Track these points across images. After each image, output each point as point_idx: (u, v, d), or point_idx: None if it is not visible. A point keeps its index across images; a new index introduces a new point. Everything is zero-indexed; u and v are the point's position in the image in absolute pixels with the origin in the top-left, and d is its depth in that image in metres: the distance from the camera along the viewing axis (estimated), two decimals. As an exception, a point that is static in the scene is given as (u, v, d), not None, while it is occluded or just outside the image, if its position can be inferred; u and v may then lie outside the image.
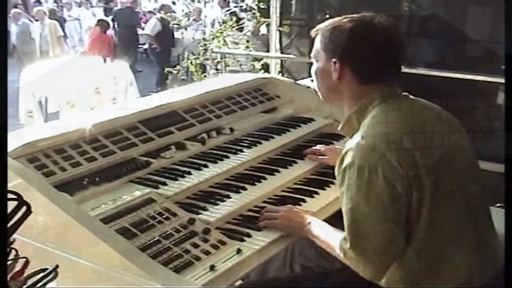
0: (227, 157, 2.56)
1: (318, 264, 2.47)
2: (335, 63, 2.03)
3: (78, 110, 7.09)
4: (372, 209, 1.86)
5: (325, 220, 2.21)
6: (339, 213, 2.36)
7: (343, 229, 1.96)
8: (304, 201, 2.38)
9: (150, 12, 15.57)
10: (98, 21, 11.62)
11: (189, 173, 2.38)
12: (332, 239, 2.05)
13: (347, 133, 2.12)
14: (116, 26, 14.32)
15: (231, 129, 2.81)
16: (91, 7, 18.05)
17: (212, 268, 1.87)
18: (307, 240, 2.46)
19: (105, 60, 8.27)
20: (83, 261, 1.87)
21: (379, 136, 1.90)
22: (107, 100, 7.54)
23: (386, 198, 1.85)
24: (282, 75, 5.26)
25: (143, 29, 13.91)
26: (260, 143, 2.75)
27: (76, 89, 7.38)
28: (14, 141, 2.18)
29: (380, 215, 1.86)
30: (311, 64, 2.20)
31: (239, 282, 2.33)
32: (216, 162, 2.50)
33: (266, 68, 5.68)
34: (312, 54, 2.16)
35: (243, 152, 2.64)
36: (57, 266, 1.28)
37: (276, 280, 2.49)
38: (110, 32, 13.36)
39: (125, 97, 7.83)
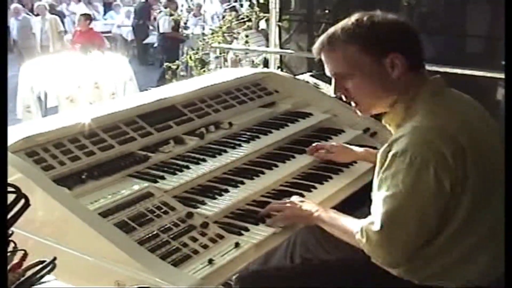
0: (226, 151, 2.57)
1: (318, 256, 2.47)
2: (392, 58, 1.97)
3: (77, 104, 7.12)
4: (415, 202, 1.84)
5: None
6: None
7: None
8: (302, 195, 2.38)
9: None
10: (83, 14, 11.57)
11: (188, 167, 2.38)
12: (349, 222, 2.04)
13: (389, 122, 2.10)
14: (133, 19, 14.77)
15: (230, 124, 2.81)
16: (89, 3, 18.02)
17: (210, 261, 1.87)
18: (309, 233, 2.48)
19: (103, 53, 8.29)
20: (81, 255, 1.87)
21: (436, 129, 1.87)
22: (106, 95, 7.56)
23: (431, 194, 1.83)
24: (281, 70, 5.26)
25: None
26: (258, 137, 2.76)
27: (75, 84, 7.41)
28: (13, 135, 2.19)
29: (421, 209, 1.85)
30: (310, 59, 2.19)
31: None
32: (214, 157, 2.50)
33: (265, 63, 5.68)
34: (340, 71, 2.07)
35: (241, 146, 2.64)
36: (55, 258, 1.28)
37: (277, 269, 2.50)
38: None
39: (124, 92, 7.85)
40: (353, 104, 2.14)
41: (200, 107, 2.85)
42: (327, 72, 2.13)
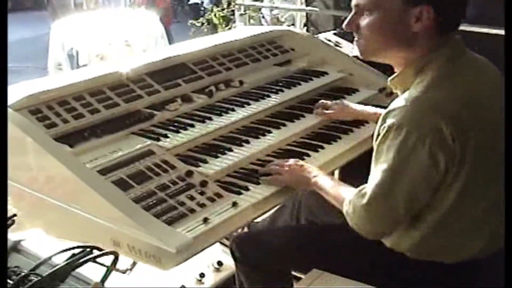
0: (233, 110, 2.54)
1: (323, 220, 2.46)
2: (421, 10, 1.81)
3: (107, 62, 7.14)
4: (405, 178, 1.78)
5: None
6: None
7: None
8: (308, 155, 2.36)
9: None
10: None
11: (193, 125, 2.36)
12: (341, 191, 2.01)
13: (396, 86, 1.99)
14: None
15: (241, 82, 2.78)
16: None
17: (205, 220, 1.86)
18: (314, 196, 2.47)
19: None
20: (77, 211, 1.89)
21: (438, 103, 1.77)
22: (137, 52, 7.56)
23: (424, 170, 1.77)
24: (308, 29, 5.18)
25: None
26: (269, 96, 2.72)
27: (106, 42, 7.42)
28: (18, 93, 2.20)
29: (410, 185, 1.79)
30: (336, 17, 2.09)
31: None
32: (221, 115, 2.48)
33: (292, 21, 5.60)
34: (362, 3, 1.91)
35: (250, 105, 2.61)
36: (14, 215, 1.28)
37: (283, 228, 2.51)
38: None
39: (155, 49, 7.84)
40: (357, 43, 2.01)
41: (211, 65, 2.82)
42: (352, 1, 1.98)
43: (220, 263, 2.97)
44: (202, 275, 2.92)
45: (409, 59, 1.91)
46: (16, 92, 2.21)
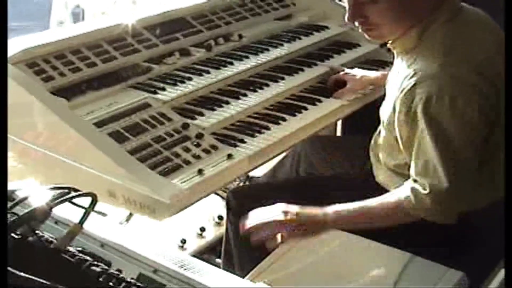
0: (232, 63, 2.53)
1: (320, 171, 2.47)
2: None
3: (106, 17, 7.09)
4: (468, 143, 1.74)
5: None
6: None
7: None
8: (306, 108, 2.35)
9: None
10: None
11: (190, 78, 2.35)
12: (381, 199, 1.86)
13: (397, 46, 1.95)
14: None
15: (240, 36, 2.76)
16: None
17: (200, 172, 1.87)
18: (312, 149, 2.48)
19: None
20: (73, 163, 1.90)
21: (464, 62, 1.75)
22: (143, 10, 7.50)
23: (481, 131, 1.75)
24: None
25: None
26: (268, 50, 2.70)
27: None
28: (14, 47, 2.19)
29: (475, 148, 1.76)
30: None
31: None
32: (219, 68, 2.47)
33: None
34: None
35: (248, 58, 2.59)
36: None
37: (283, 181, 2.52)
38: None
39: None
40: (368, 33, 1.94)
41: (211, 19, 2.80)
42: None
43: (220, 217, 2.99)
44: (202, 229, 2.96)
45: (412, 26, 1.88)
46: (12, 46, 2.21)
